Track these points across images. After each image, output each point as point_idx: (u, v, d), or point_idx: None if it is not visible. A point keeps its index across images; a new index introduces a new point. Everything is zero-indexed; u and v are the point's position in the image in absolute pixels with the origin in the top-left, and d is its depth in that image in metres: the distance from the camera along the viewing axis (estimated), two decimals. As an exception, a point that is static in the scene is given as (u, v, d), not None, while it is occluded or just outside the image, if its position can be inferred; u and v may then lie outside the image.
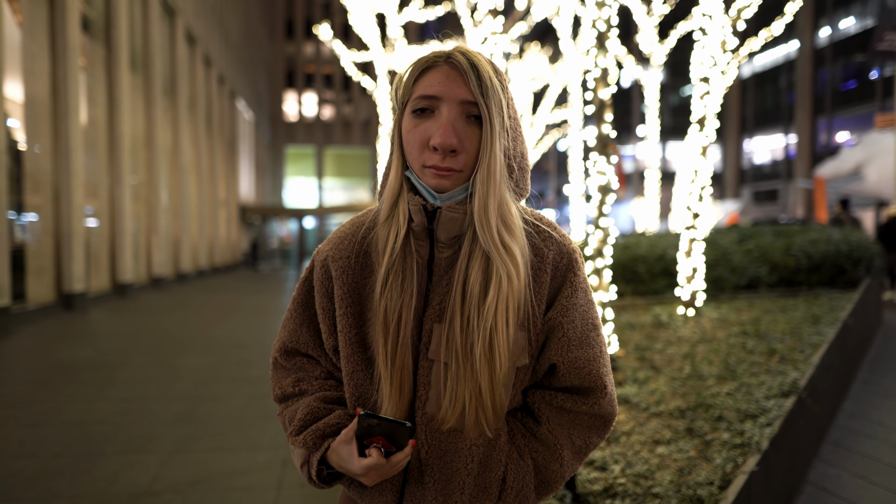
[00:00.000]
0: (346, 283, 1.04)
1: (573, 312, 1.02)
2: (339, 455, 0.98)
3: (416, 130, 0.96)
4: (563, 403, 1.03)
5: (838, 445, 3.85)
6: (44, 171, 10.47)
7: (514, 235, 0.97)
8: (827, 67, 29.90)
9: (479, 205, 0.95)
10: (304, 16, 44.87)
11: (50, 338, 8.26)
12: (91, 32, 12.84)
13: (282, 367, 1.15)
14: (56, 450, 3.80)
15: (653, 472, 2.50)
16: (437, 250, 1.01)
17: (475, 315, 0.95)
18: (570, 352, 1.01)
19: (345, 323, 1.04)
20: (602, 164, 4.12)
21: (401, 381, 0.97)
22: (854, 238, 8.04)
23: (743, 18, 5.99)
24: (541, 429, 1.03)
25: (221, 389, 5.33)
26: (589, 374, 1.02)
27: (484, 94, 0.94)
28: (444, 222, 0.98)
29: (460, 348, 0.95)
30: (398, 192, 1.00)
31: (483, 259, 0.96)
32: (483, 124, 0.94)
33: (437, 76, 0.96)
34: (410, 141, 0.97)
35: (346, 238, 1.08)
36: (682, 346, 4.69)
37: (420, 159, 0.97)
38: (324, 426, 1.03)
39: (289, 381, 1.12)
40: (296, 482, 3.34)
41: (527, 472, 1.01)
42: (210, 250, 23.02)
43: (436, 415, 0.98)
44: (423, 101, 0.95)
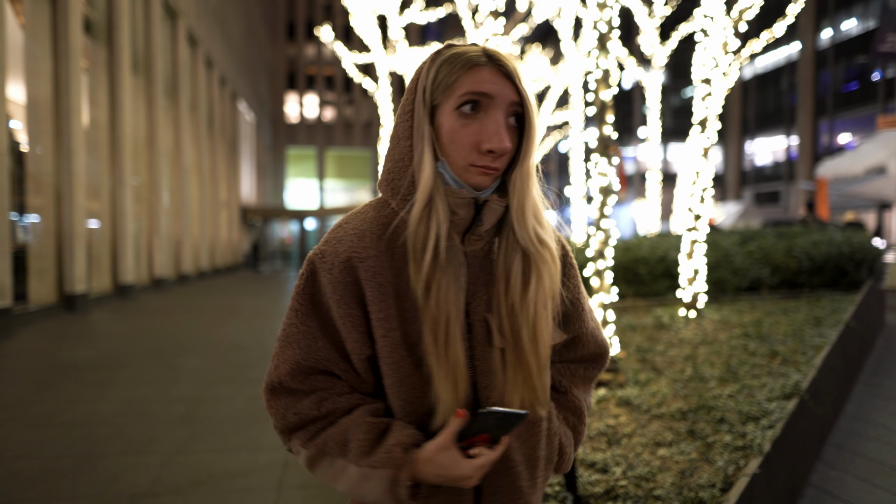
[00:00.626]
0: (383, 284, 0.98)
1: (579, 289, 1.16)
2: (439, 463, 0.93)
3: (466, 131, 0.97)
4: (576, 371, 1.18)
5: (840, 448, 3.84)
6: (45, 173, 10.49)
7: (547, 231, 1.05)
8: (829, 69, 29.88)
9: (518, 203, 1.00)
10: (306, 17, 44.94)
11: (51, 339, 8.26)
12: (93, 34, 12.87)
13: (290, 391, 1.01)
14: (57, 451, 3.80)
15: (654, 475, 2.49)
16: (469, 243, 1.02)
17: (518, 304, 1.00)
18: (587, 324, 1.17)
19: (388, 326, 0.98)
20: (603, 166, 4.11)
21: (456, 375, 0.97)
22: (856, 240, 8.03)
23: (744, 20, 5.98)
24: (567, 397, 1.16)
25: (222, 391, 5.33)
26: (602, 341, 1.20)
27: (529, 97, 0.99)
28: (489, 215, 1.01)
29: (510, 336, 1.00)
30: (432, 188, 0.98)
31: (520, 252, 1.02)
32: (526, 126, 0.99)
33: (485, 74, 0.97)
34: (457, 140, 0.97)
35: (365, 235, 1.01)
36: (684, 347, 4.68)
37: (468, 159, 0.97)
38: (405, 438, 0.95)
39: (307, 404, 1.00)
40: (296, 483, 3.33)
41: (569, 438, 1.14)
42: (211, 251, 23.03)
43: (501, 402, 1.01)
44: (473, 96, 0.96)
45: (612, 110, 4.19)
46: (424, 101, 0.99)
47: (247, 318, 10.71)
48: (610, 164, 4.12)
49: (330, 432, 0.99)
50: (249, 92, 32.27)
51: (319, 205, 43.72)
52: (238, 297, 15.05)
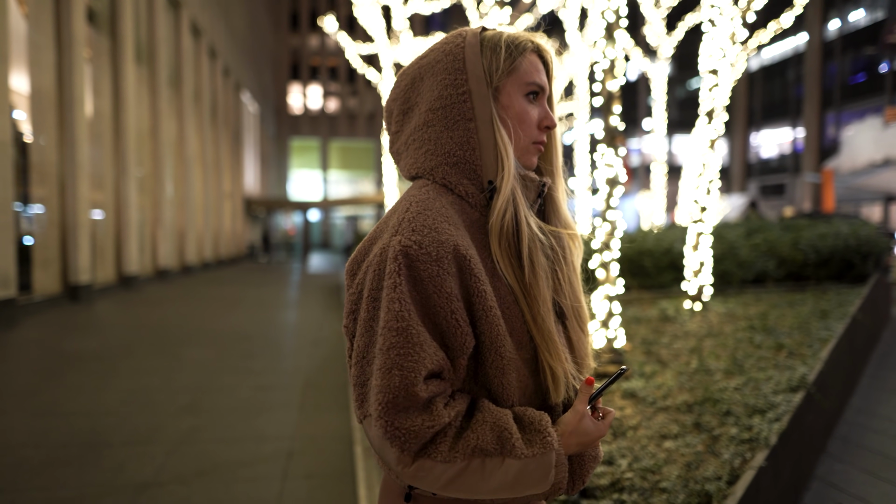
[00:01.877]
0: (482, 272, 0.95)
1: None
2: (582, 432, 0.96)
3: (534, 112, 1.04)
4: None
5: (846, 441, 3.82)
6: (49, 163, 10.49)
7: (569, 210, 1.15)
8: (836, 60, 29.63)
9: (560, 185, 1.11)
10: (309, 8, 44.77)
11: (56, 329, 8.29)
12: (96, 24, 12.83)
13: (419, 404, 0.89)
14: (62, 440, 3.81)
15: (660, 467, 2.48)
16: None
17: (576, 280, 1.09)
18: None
19: (495, 314, 0.94)
20: (610, 157, 4.08)
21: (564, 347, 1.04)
22: (863, 233, 7.98)
23: (752, 10, 5.92)
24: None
25: (227, 381, 5.34)
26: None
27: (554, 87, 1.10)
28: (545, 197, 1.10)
29: (575, 309, 1.08)
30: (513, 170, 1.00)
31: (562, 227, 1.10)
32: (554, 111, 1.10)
33: (537, 63, 1.06)
34: (527, 120, 1.04)
35: (458, 225, 0.96)
36: (689, 340, 4.66)
37: (534, 136, 1.05)
38: (545, 419, 0.94)
39: (438, 412, 0.90)
40: (301, 473, 3.34)
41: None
42: (215, 242, 23.06)
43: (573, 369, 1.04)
44: (536, 87, 1.04)
45: (619, 101, 4.16)
46: (488, 83, 1.01)
47: (251, 308, 10.73)
48: (616, 155, 4.09)
49: (473, 435, 0.91)
50: (253, 82, 32.20)
51: (323, 196, 43.69)
52: (242, 287, 15.07)
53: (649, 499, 2.26)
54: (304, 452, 3.66)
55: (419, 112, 1.03)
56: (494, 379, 0.95)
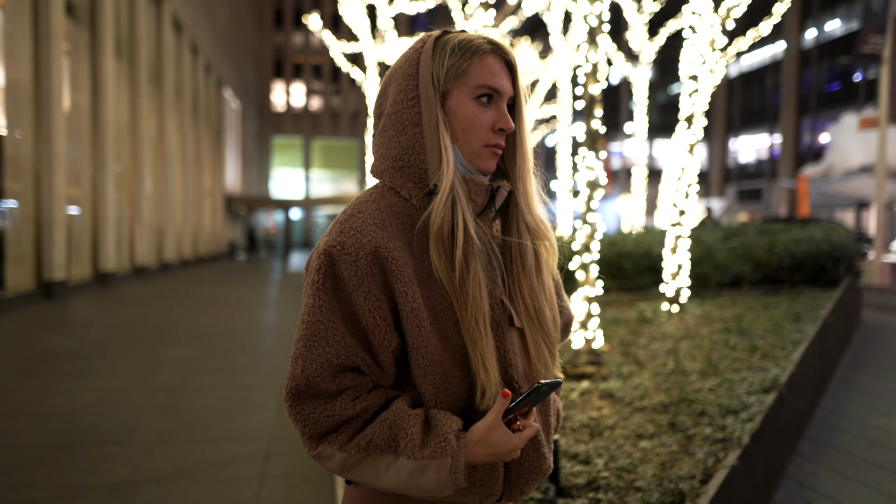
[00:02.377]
0: (408, 274, 0.97)
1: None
2: (491, 443, 0.94)
3: (485, 116, 1.03)
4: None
5: (816, 441, 3.91)
6: (25, 157, 10.30)
7: (543, 213, 1.12)
8: (812, 69, 30.20)
9: (523, 186, 1.08)
10: (294, 5, 44.46)
11: (29, 326, 8.14)
12: (75, 17, 12.62)
13: (320, 392, 0.95)
14: (34, 440, 3.75)
15: (636, 466, 2.52)
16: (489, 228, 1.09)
17: (537, 285, 1.08)
18: (562, 300, 1.21)
19: (420, 316, 0.97)
20: (591, 160, 4.12)
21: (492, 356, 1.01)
22: (836, 238, 8.15)
23: (732, 17, 6.02)
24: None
25: (205, 380, 5.30)
26: (570, 310, 1.25)
27: (522, 88, 1.07)
28: (499, 200, 1.07)
29: (533, 315, 1.06)
30: (453, 174, 1.01)
31: (528, 235, 1.08)
32: (518, 115, 1.07)
33: (495, 64, 1.04)
34: (476, 124, 1.02)
35: (387, 225, 0.99)
36: (666, 341, 4.73)
37: (485, 139, 1.03)
38: (453, 425, 0.95)
39: (341, 404, 0.95)
40: (278, 473, 3.32)
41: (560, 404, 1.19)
42: (194, 240, 22.80)
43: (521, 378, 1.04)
44: (489, 90, 1.02)
45: (601, 104, 4.21)
46: (435, 87, 1.01)
47: (231, 307, 10.63)
48: (597, 158, 4.14)
49: (372, 430, 0.95)
50: (235, 79, 31.90)
51: (305, 195, 43.42)
52: (222, 286, 14.93)
53: (624, 497, 2.29)
54: (282, 453, 3.65)
55: (383, 117, 1.07)
56: (419, 378, 0.98)
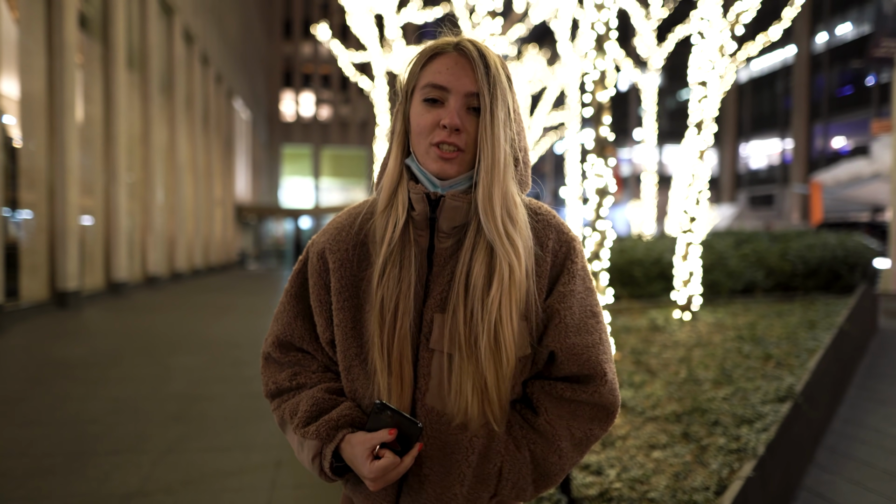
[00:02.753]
0: (344, 275, 1.02)
1: (571, 299, 1.01)
2: (354, 451, 0.95)
3: (428, 115, 0.97)
4: (562, 392, 1.01)
5: (834, 451, 3.85)
6: (39, 168, 10.42)
7: (518, 227, 0.97)
8: (823, 73, 30.02)
9: (484, 194, 0.95)
10: (302, 15, 44.83)
11: (43, 336, 8.21)
12: (88, 29, 12.79)
13: (275, 361, 1.12)
14: (47, 449, 3.77)
15: (648, 477, 2.49)
16: (438, 240, 1.00)
17: (479, 307, 0.94)
18: (567, 338, 1.00)
19: (342, 317, 1.02)
20: (600, 167, 4.11)
21: (400, 371, 0.96)
22: (850, 243, 8.06)
23: (741, 23, 5.99)
24: (539, 420, 1.01)
25: (215, 389, 5.30)
26: (588, 361, 1.00)
27: (490, 83, 0.95)
28: (447, 210, 0.98)
29: (464, 341, 0.95)
30: (397, 181, 1.00)
31: (486, 251, 0.96)
32: (482, 113, 0.95)
33: (445, 62, 0.97)
34: (421, 123, 0.97)
35: (344, 229, 1.06)
36: (678, 350, 4.68)
37: (429, 138, 0.97)
38: (337, 416, 0.99)
39: (284, 376, 1.08)
40: (289, 483, 3.31)
41: (523, 464, 0.99)
42: (205, 249, 22.94)
43: (436, 407, 0.96)
44: (433, 90, 0.96)
45: (609, 111, 4.19)
46: (404, 97, 1.02)
47: (241, 315, 10.67)
48: (606, 165, 4.12)
49: (290, 402, 1.06)
50: (245, 89, 32.17)
51: (315, 203, 43.62)
52: (232, 295, 14.99)
53: (637, 509, 2.26)
54: (292, 462, 3.64)
55: None
56: (341, 375, 1.05)
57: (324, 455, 0.98)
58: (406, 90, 1.01)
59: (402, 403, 0.96)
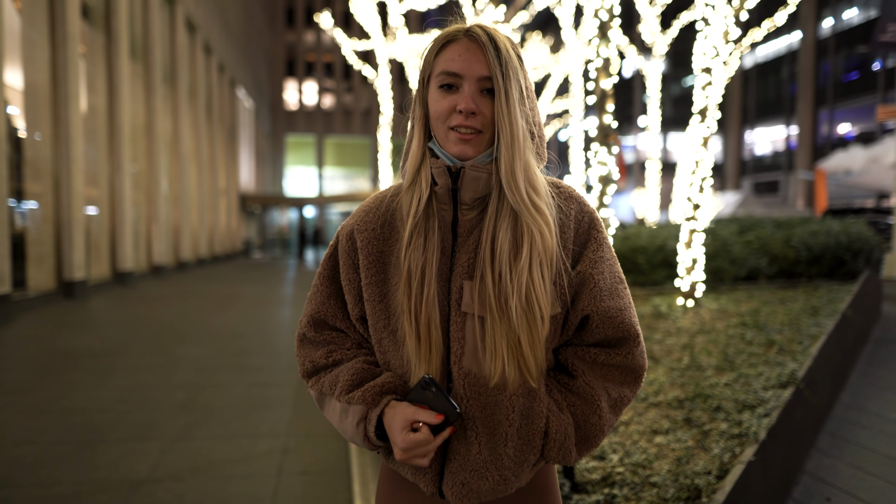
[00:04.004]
0: (372, 252, 1.07)
1: (602, 265, 1.06)
2: (395, 418, 0.98)
3: (445, 101, 1.02)
4: (596, 357, 1.06)
5: (835, 436, 3.87)
6: (44, 159, 10.45)
7: (541, 196, 1.02)
8: (829, 59, 29.75)
9: (507, 167, 0.99)
10: (305, 4, 44.59)
11: (50, 325, 8.28)
12: (91, 20, 12.77)
13: (310, 341, 1.15)
14: (57, 437, 3.82)
15: (651, 462, 2.52)
16: (461, 212, 1.05)
17: (507, 270, 0.98)
18: (602, 301, 1.04)
19: (371, 291, 1.07)
20: (603, 155, 4.11)
21: (429, 337, 1.00)
22: (854, 230, 8.04)
23: (745, 8, 5.95)
24: (576, 382, 1.05)
25: (222, 378, 5.36)
26: (622, 323, 1.05)
27: (502, 65, 0.99)
28: (469, 181, 1.02)
29: (494, 303, 0.98)
30: (420, 160, 1.05)
31: (511, 218, 1.00)
32: (496, 94, 0.99)
33: (457, 49, 1.01)
34: (438, 109, 1.02)
35: (371, 210, 1.11)
36: (682, 336, 4.70)
37: (447, 122, 1.02)
38: (382, 383, 1.03)
39: (320, 354, 1.12)
40: (296, 470, 3.36)
41: (567, 425, 1.03)
42: (210, 239, 23.02)
43: (473, 369, 1.00)
44: (447, 77, 1.01)
45: (613, 99, 4.18)
46: (422, 83, 1.07)
47: (246, 305, 10.73)
48: (609, 153, 4.12)
49: (329, 375, 1.10)
50: (248, 79, 32.09)
51: (318, 192, 43.63)
52: (237, 284, 15.06)
53: (640, 493, 2.29)
54: (298, 449, 3.69)
55: None
56: (374, 344, 1.10)
57: (369, 419, 1.02)
58: (422, 77, 1.06)
59: (431, 368, 1.00)
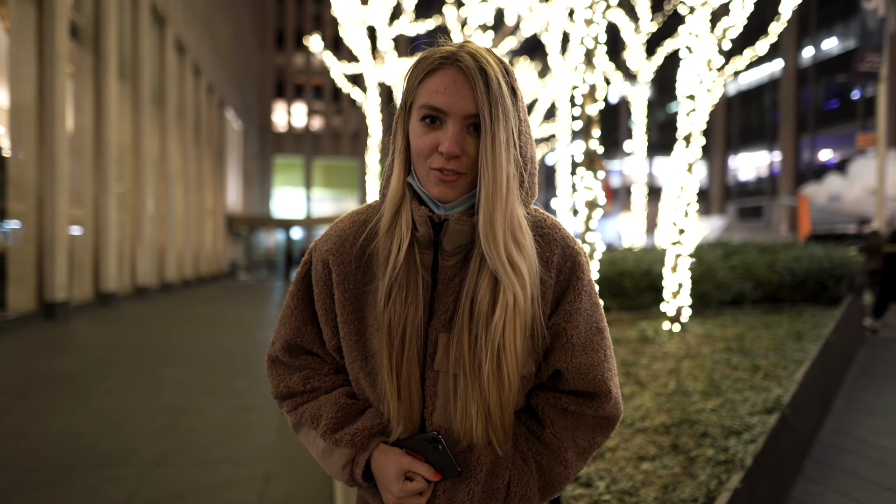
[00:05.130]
0: (348, 289, 1.02)
1: (577, 317, 1.00)
2: (388, 464, 0.97)
3: (427, 137, 0.93)
4: (567, 406, 1.03)
5: (821, 462, 3.87)
6: (28, 178, 10.36)
7: (524, 251, 0.95)
8: (810, 87, 30.44)
9: (485, 221, 0.91)
10: (295, 26, 44.99)
11: (30, 347, 8.12)
12: (79, 39, 12.78)
13: (284, 364, 1.10)
14: (32, 463, 3.72)
15: (637, 489, 2.50)
16: (442, 258, 0.99)
17: (482, 332, 0.94)
18: (574, 358, 1.00)
19: (347, 329, 1.03)
20: (589, 180, 4.14)
21: (409, 394, 0.97)
22: (836, 255, 8.14)
23: (728, 38, 6.08)
24: (545, 432, 1.02)
25: (204, 402, 5.27)
26: (593, 380, 1.01)
27: (490, 101, 0.90)
28: (451, 234, 0.97)
29: (468, 363, 0.95)
30: (400, 200, 0.97)
31: (492, 274, 0.95)
32: (482, 135, 0.91)
33: (443, 81, 0.92)
34: (419, 145, 0.94)
35: (347, 240, 1.04)
36: (668, 361, 4.70)
37: (428, 161, 0.94)
38: (370, 426, 1.01)
39: (296, 380, 1.08)
40: (278, 496, 3.29)
41: (530, 477, 1.00)
42: (196, 260, 22.83)
43: (444, 426, 0.98)
44: (430, 111, 0.92)
45: (598, 125, 4.24)
46: (403, 109, 0.98)
47: (231, 327, 10.61)
48: (595, 178, 4.16)
49: (309, 406, 1.06)
50: (237, 100, 32.17)
51: (306, 214, 43.56)
52: (222, 306, 14.91)
53: (626, 521, 2.27)
54: (281, 475, 3.62)
55: None
56: (352, 381, 1.07)
57: (356, 462, 1.00)
58: (404, 102, 0.98)
59: (412, 425, 0.99)
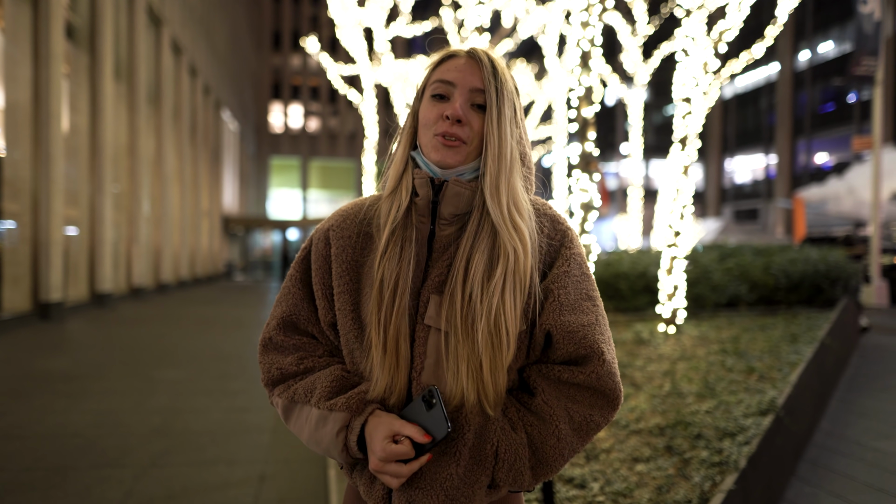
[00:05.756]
0: (346, 259, 1.05)
1: (565, 279, 1.02)
2: (378, 427, 0.95)
3: (435, 108, 1.02)
4: (559, 374, 1.00)
5: (815, 464, 3.88)
6: (23, 179, 10.33)
7: (524, 217, 1.00)
8: (806, 90, 30.55)
9: (491, 182, 0.98)
10: (292, 28, 44.97)
11: (25, 348, 8.09)
12: (75, 39, 12.75)
13: (277, 346, 1.09)
14: (27, 463, 3.71)
15: (632, 490, 2.50)
16: (439, 227, 1.03)
17: (478, 290, 0.96)
18: (561, 315, 0.99)
19: (344, 301, 1.04)
20: (585, 182, 4.15)
21: (396, 349, 0.97)
22: (832, 258, 8.18)
23: (724, 41, 6.11)
24: (535, 400, 0.99)
25: (199, 402, 5.26)
26: (583, 339, 0.98)
27: (497, 82, 1.00)
28: (450, 196, 1.01)
29: (460, 322, 0.96)
30: (403, 168, 1.05)
31: (490, 238, 0.98)
32: (488, 108, 0.99)
33: (455, 63, 1.04)
34: (427, 116, 1.03)
35: (349, 216, 1.10)
36: (663, 363, 4.72)
37: (433, 129, 1.01)
38: (365, 390, 1.00)
39: (290, 360, 1.07)
40: (273, 498, 3.29)
41: (520, 446, 0.96)
42: (192, 261, 22.78)
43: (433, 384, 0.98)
44: (440, 85, 1.02)
45: (594, 127, 4.25)
46: (417, 97, 1.08)
47: (226, 328, 10.59)
48: (591, 180, 4.17)
49: (302, 383, 1.05)
50: (234, 101, 32.13)
51: (302, 215, 43.51)
52: (218, 307, 14.88)
53: (620, 523, 2.27)
54: (276, 476, 3.61)
55: None
56: (346, 356, 1.07)
57: (351, 428, 0.97)
58: (419, 91, 1.07)
59: (398, 382, 0.98)
